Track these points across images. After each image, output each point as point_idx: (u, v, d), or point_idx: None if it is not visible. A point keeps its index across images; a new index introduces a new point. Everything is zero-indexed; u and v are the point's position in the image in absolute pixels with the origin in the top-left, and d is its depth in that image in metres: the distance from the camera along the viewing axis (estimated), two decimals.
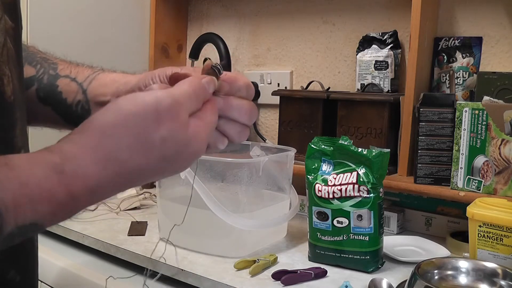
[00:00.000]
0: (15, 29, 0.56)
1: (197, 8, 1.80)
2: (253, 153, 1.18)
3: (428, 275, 0.84)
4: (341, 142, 0.99)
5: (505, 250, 0.87)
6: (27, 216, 0.41)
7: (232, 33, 1.70)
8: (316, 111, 1.33)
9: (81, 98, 0.67)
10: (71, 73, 0.69)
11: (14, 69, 0.56)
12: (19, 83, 0.57)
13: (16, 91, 0.55)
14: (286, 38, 1.58)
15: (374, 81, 1.31)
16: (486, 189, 1.05)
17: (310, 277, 0.94)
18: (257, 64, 1.66)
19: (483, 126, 1.04)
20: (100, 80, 0.67)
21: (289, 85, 1.58)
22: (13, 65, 0.55)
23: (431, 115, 1.12)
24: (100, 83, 0.67)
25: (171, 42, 1.78)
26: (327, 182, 0.99)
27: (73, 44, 1.48)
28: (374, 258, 0.98)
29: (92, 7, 1.57)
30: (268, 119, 1.66)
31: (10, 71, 0.54)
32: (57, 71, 0.69)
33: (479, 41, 1.22)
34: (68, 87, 0.67)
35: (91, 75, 0.68)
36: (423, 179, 1.14)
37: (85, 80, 0.68)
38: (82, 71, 0.69)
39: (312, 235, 1.02)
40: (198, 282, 0.96)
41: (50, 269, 1.14)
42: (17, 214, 0.40)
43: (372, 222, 0.96)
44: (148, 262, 1.04)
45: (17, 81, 0.56)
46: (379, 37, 1.33)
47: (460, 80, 1.23)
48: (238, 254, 1.03)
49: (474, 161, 1.06)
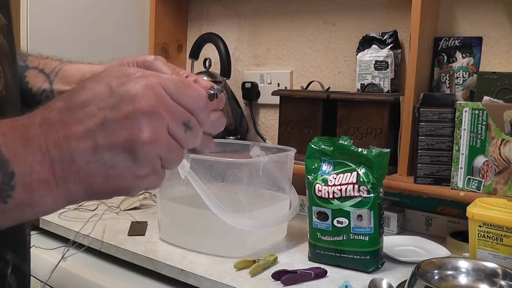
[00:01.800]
0: (8, 25, 0.57)
1: (197, 8, 1.80)
2: (253, 153, 1.18)
3: (428, 275, 0.84)
4: (341, 142, 0.99)
5: (505, 250, 0.87)
6: None
7: (232, 33, 1.70)
8: (316, 111, 1.33)
9: (46, 87, 0.68)
10: (40, 65, 0.70)
11: (8, 65, 0.56)
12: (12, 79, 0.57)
13: (9, 86, 0.56)
14: (286, 38, 1.58)
15: (374, 81, 1.31)
16: (486, 189, 1.05)
17: (310, 277, 0.94)
18: (257, 64, 1.66)
19: (483, 126, 1.04)
20: (66, 71, 0.68)
21: (289, 85, 1.58)
22: (6, 61, 0.56)
23: (431, 115, 1.12)
24: (65, 73, 0.68)
25: (171, 42, 1.78)
26: (327, 182, 0.99)
27: (73, 44, 1.49)
28: (374, 258, 0.98)
29: (92, 7, 1.57)
30: (268, 119, 1.66)
31: (2, 67, 0.55)
32: (27, 63, 0.70)
33: (479, 41, 1.22)
34: (35, 78, 0.69)
35: (58, 66, 0.69)
36: (423, 179, 1.14)
37: (52, 71, 0.69)
38: (50, 63, 0.70)
39: (312, 235, 1.02)
40: (198, 282, 0.96)
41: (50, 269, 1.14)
42: None
43: (372, 222, 0.96)
44: (148, 262, 1.04)
45: (10, 77, 0.57)
46: (379, 37, 1.33)
47: (460, 80, 1.23)
48: (238, 254, 1.03)
49: (474, 161, 1.06)
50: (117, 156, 0.42)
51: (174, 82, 0.45)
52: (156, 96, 0.43)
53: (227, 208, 1.00)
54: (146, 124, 0.42)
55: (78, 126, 0.42)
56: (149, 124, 0.42)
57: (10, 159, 0.40)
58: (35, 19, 1.41)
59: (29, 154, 0.41)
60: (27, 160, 0.40)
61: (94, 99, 0.43)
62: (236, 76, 1.68)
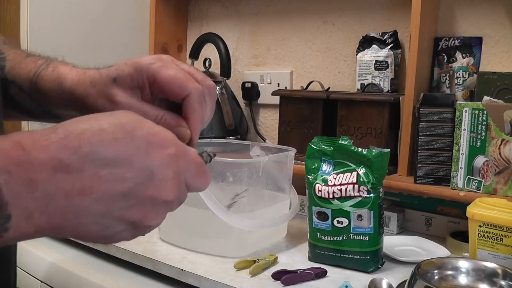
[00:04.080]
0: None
1: (197, 8, 1.80)
2: (253, 153, 1.17)
3: (428, 275, 0.84)
4: (341, 142, 0.99)
5: (505, 250, 0.87)
6: None
7: (232, 33, 1.70)
8: (316, 111, 1.33)
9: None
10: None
11: None
12: None
13: None
14: (286, 38, 1.58)
15: (374, 81, 1.31)
16: (486, 189, 1.05)
17: (310, 277, 0.94)
18: (257, 64, 1.66)
19: (483, 126, 1.04)
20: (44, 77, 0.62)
21: (289, 85, 1.58)
22: None
23: (431, 115, 1.12)
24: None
25: (171, 42, 1.78)
26: (327, 182, 0.99)
27: (73, 44, 1.49)
28: (374, 258, 0.98)
29: (92, 7, 1.57)
30: (268, 119, 1.66)
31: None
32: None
33: (479, 41, 1.22)
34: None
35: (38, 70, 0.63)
36: (423, 179, 1.14)
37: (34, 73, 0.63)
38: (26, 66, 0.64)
39: (312, 235, 1.02)
40: (198, 282, 0.96)
41: (50, 269, 1.14)
42: None
43: (372, 222, 0.96)
44: (148, 262, 1.04)
45: None
46: (379, 37, 1.33)
47: (460, 80, 1.23)
48: (238, 254, 1.03)
49: (474, 161, 1.06)
50: (120, 225, 0.42)
51: (195, 168, 0.45)
52: (178, 188, 0.43)
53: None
54: (160, 213, 0.43)
55: (100, 186, 0.39)
56: (162, 212, 0.43)
57: (10, 202, 0.37)
58: (35, 19, 1.41)
59: (31, 201, 0.38)
60: (27, 206, 0.37)
61: (124, 163, 0.40)
62: (236, 76, 1.68)
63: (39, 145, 0.38)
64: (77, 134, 0.39)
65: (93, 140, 0.39)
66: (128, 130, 0.41)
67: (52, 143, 0.39)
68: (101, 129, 0.40)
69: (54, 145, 0.39)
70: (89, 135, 0.40)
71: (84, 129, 0.40)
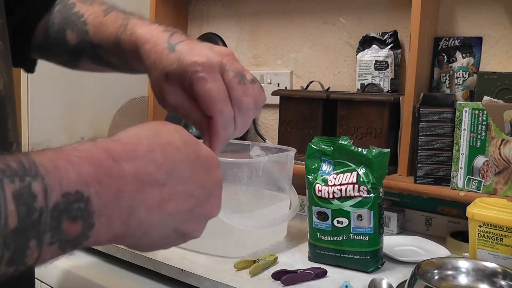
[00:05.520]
0: (3, 24, 0.57)
1: (197, 8, 1.80)
2: (253, 153, 1.17)
3: (428, 275, 0.84)
4: (341, 142, 0.99)
5: (505, 250, 0.87)
6: (70, 179, 0.35)
7: (232, 33, 1.70)
8: (316, 111, 1.33)
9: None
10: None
11: (4, 64, 0.56)
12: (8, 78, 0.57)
13: (7, 85, 0.56)
14: (286, 38, 1.58)
15: (374, 81, 1.31)
16: (486, 189, 1.05)
17: (310, 277, 0.94)
18: (257, 64, 1.66)
19: (483, 126, 1.04)
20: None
21: (289, 85, 1.58)
22: (3, 60, 0.56)
23: (431, 115, 1.12)
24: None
25: None
26: (327, 182, 0.99)
27: None
28: (374, 258, 0.98)
29: None
30: (268, 119, 1.66)
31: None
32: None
33: (479, 41, 1.22)
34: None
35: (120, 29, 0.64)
36: (423, 179, 1.14)
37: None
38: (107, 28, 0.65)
39: (312, 235, 1.02)
40: (198, 282, 0.96)
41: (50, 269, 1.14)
42: (60, 176, 0.35)
43: (372, 222, 0.96)
44: (148, 262, 1.04)
45: (7, 76, 0.56)
46: (379, 37, 1.33)
47: (460, 80, 1.23)
48: (238, 254, 1.03)
49: (474, 161, 1.06)
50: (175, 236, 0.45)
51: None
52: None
53: (227, 208, 1.00)
54: (204, 226, 0.48)
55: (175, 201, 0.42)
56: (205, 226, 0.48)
57: (96, 211, 0.37)
58: None
59: (116, 211, 0.38)
60: (112, 216, 0.38)
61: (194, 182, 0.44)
62: None
63: (128, 156, 0.40)
64: (160, 150, 0.42)
65: (175, 158, 0.43)
66: (194, 151, 0.45)
67: (140, 155, 0.40)
68: (178, 148, 0.43)
69: (142, 158, 0.41)
70: (170, 152, 0.43)
71: (164, 145, 0.43)
